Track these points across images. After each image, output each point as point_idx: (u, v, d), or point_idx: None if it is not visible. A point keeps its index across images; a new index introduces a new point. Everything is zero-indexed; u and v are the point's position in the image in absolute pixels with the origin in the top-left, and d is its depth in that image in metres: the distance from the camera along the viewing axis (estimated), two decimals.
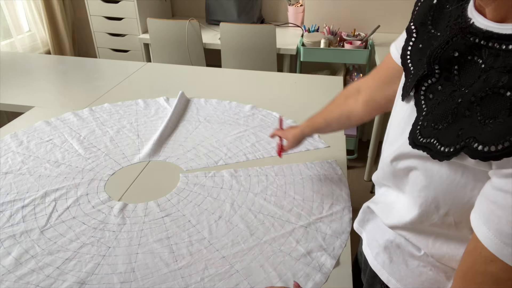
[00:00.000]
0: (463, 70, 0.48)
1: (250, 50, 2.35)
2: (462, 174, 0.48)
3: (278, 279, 0.76)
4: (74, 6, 3.03)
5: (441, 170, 0.50)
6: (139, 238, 0.86)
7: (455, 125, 0.46)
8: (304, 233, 0.87)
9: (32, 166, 1.10)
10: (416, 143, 0.52)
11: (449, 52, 0.49)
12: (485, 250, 0.44)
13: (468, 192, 0.49)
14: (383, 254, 0.67)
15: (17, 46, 2.60)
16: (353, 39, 2.40)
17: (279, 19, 2.91)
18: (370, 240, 0.71)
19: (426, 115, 0.52)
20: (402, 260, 0.64)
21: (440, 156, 0.48)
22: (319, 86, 1.67)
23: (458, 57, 0.48)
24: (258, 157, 1.14)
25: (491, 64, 0.44)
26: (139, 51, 2.76)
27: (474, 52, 0.46)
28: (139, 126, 1.31)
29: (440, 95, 0.50)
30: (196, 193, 1.00)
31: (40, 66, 1.88)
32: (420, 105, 0.53)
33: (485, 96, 0.43)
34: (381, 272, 0.67)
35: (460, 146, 0.45)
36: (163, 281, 0.76)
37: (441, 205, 0.53)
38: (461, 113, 0.46)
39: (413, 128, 0.53)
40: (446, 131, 0.48)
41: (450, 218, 0.54)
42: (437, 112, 0.50)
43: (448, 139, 0.47)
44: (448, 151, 0.47)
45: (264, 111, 1.41)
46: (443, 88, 0.50)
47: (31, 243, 0.85)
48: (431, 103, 0.51)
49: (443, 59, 0.49)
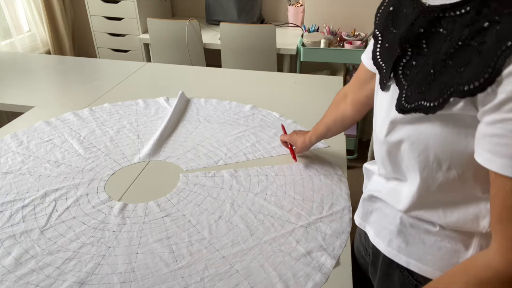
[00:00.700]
0: (430, 42, 0.55)
1: (250, 50, 2.35)
2: (453, 125, 0.54)
3: (278, 279, 0.77)
4: (74, 6, 3.03)
5: (434, 128, 0.56)
6: (139, 238, 0.86)
7: (436, 82, 0.53)
8: (304, 233, 0.87)
9: (32, 166, 1.10)
10: (404, 110, 0.58)
11: (415, 31, 0.56)
12: (508, 182, 0.47)
13: (462, 140, 0.54)
14: (397, 239, 0.68)
15: (17, 46, 2.60)
16: (353, 39, 2.40)
17: (279, 19, 2.91)
18: (379, 230, 0.73)
19: (408, 87, 0.58)
20: (419, 240, 0.66)
21: (432, 110, 0.53)
22: (319, 86, 1.67)
23: (424, 32, 0.56)
24: (258, 157, 1.14)
25: (451, 28, 0.52)
26: (139, 51, 2.76)
27: (436, 25, 0.54)
28: (139, 126, 1.31)
29: (416, 68, 0.57)
30: (196, 193, 1.00)
31: (40, 66, 1.88)
32: (401, 83, 0.60)
33: (454, 51, 0.51)
34: (399, 257, 0.69)
35: (448, 95, 0.51)
36: (163, 281, 0.76)
37: (442, 161, 0.57)
38: (438, 71, 0.53)
39: (398, 101, 0.59)
40: (429, 90, 0.54)
41: (452, 172, 0.57)
42: (418, 80, 0.56)
43: (434, 95, 0.53)
44: (438, 102, 0.52)
45: (264, 111, 1.41)
46: (417, 62, 0.57)
47: (31, 243, 0.85)
48: (410, 77, 0.58)
49: (412, 37, 0.57)
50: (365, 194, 0.78)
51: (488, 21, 0.47)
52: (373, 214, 0.76)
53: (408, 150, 0.61)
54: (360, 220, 0.79)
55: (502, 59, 0.45)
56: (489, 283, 0.51)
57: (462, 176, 0.57)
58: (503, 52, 0.45)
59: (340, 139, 1.24)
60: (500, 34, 0.45)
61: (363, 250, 0.88)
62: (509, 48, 0.44)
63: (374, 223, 0.75)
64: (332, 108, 0.99)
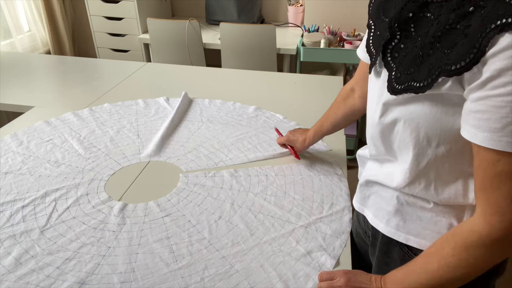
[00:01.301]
0: (418, 26, 0.59)
1: (250, 50, 2.35)
2: (442, 104, 0.58)
3: (278, 279, 0.77)
4: (74, 6, 3.03)
5: (424, 107, 0.60)
6: (139, 238, 0.86)
7: (425, 64, 0.56)
8: (304, 233, 0.87)
9: (32, 166, 1.10)
10: (395, 90, 0.61)
11: (404, 15, 0.60)
12: (488, 154, 0.52)
13: (450, 118, 0.58)
14: (395, 218, 0.73)
15: (17, 46, 2.60)
16: (353, 39, 2.40)
17: (279, 19, 2.91)
18: (377, 212, 0.77)
19: (397, 68, 0.61)
20: (416, 217, 0.70)
21: (422, 89, 0.57)
22: (319, 86, 1.67)
23: (412, 16, 0.59)
24: (259, 159, 1.14)
25: (438, 13, 0.55)
26: (139, 51, 2.76)
27: (424, 9, 0.58)
28: (139, 126, 1.31)
29: (404, 51, 0.61)
30: (196, 193, 1.00)
31: (40, 66, 1.88)
32: (389, 65, 0.63)
33: (441, 34, 0.54)
34: (398, 235, 0.73)
35: (436, 75, 0.54)
36: (163, 281, 0.76)
37: (432, 138, 0.61)
38: (426, 53, 0.56)
39: (388, 82, 0.63)
40: (418, 71, 0.57)
41: (441, 148, 0.62)
42: (406, 62, 0.60)
43: (423, 75, 0.56)
44: (427, 82, 0.56)
45: (268, 113, 1.40)
46: (405, 45, 0.61)
47: (31, 243, 0.85)
48: (398, 59, 0.62)
49: (401, 21, 0.60)
50: (361, 180, 0.82)
51: (473, 5, 0.50)
52: (371, 197, 0.80)
53: (401, 130, 0.65)
54: (358, 205, 0.84)
55: (486, 40, 0.48)
56: (474, 246, 0.56)
57: (450, 152, 0.61)
58: (487, 34, 0.48)
59: (340, 139, 1.24)
60: (485, 18, 0.48)
61: (363, 233, 0.91)
62: (492, 30, 0.47)
63: (372, 206, 0.79)
64: (338, 105, 1.00)
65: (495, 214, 0.53)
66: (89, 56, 2.85)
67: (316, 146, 1.20)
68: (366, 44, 0.71)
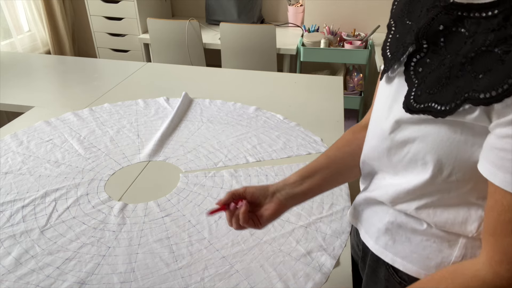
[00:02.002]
0: (449, 41, 0.53)
1: (250, 50, 2.35)
2: (461, 132, 0.52)
3: (278, 279, 0.77)
4: (74, 6, 3.03)
5: (441, 132, 0.53)
6: (139, 238, 0.86)
7: (450, 86, 0.51)
8: (304, 233, 0.87)
9: (32, 166, 1.10)
10: (412, 109, 0.55)
11: (435, 27, 0.54)
12: (506, 197, 0.47)
13: (468, 148, 0.52)
14: (384, 236, 0.68)
15: (17, 46, 2.60)
16: (353, 39, 2.40)
17: (279, 19, 2.91)
18: (368, 227, 0.73)
19: (419, 85, 0.55)
20: (405, 238, 0.66)
21: (443, 114, 0.51)
22: (319, 86, 1.67)
23: (444, 30, 0.53)
24: (259, 159, 1.14)
25: (475, 30, 0.49)
26: (139, 51, 2.76)
27: (458, 24, 0.52)
28: (139, 126, 1.31)
29: (429, 67, 0.55)
30: (196, 193, 1.00)
31: (40, 66, 1.88)
32: (411, 79, 0.57)
33: (475, 55, 0.48)
34: (385, 254, 0.68)
35: (461, 100, 0.49)
36: (163, 281, 0.76)
37: (445, 167, 0.56)
38: (454, 75, 0.50)
39: (406, 98, 0.57)
40: (442, 93, 0.52)
41: (452, 178, 0.56)
42: (430, 79, 0.54)
43: (446, 98, 0.51)
44: (450, 107, 0.50)
45: (268, 113, 1.40)
46: (431, 60, 0.55)
47: (31, 243, 0.85)
48: (421, 75, 0.56)
49: (430, 34, 0.54)
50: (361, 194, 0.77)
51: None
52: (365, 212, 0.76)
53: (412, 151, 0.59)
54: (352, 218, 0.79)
55: None
56: None
57: (461, 182, 0.56)
58: None
59: None
60: None
61: (356, 246, 0.88)
62: None
63: (365, 221, 0.75)
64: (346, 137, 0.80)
65: (503, 263, 0.49)
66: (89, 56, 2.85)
67: (316, 146, 1.20)
68: (383, 46, 0.65)
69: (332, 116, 1.40)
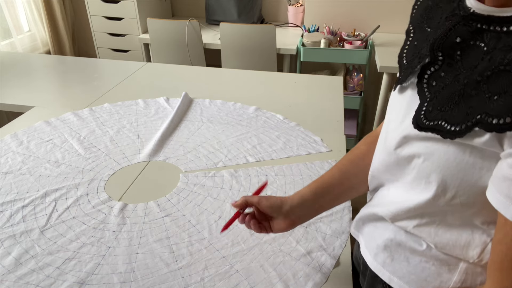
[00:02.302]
0: (466, 55, 0.49)
1: (250, 50, 2.35)
2: (470, 154, 0.48)
3: (278, 279, 0.77)
4: (74, 6, 3.03)
5: (448, 152, 0.50)
6: (139, 238, 0.86)
7: (463, 105, 0.47)
8: (304, 233, 0.87)
9: (32, 166, 1.10)
10: (421, 126, 0.52)
11: (451, 39, 0.50)
12: None
13: (476, 172, 0.49)
14: (383, 253, 0.66)
15: (17, 46, 2.60)
16: (353, 39, 2.40)
17: (279, 19, 2.91)
18: (368, 242, 0.71)
19: (430, 100, 0.52)
20: (404, 258, 0.63)
21: (451, 135, 0.48)
22: (319, 86, 1.67)
23: (461, 42, 0.50)
24: (259, 159, 1.14)
25: (494, 45, 0.46)
26: (139, 51, 2.76)
27: (476, 37, 0.48)
28: (139, 126, 1.31)
29: (443, 81, 0.52)
30: (196, 193, 1.00)
31: (40, 66, 1.88)
32: (423, 93, 0.54)
33: (491, 74, 0.45)
34: (382, 272, 0.66)
35: (472, 123, 0.46)
36: (163, 281, 0.76)
37: (449, 188, 0.53)
38: (468, 93, 0.47)
39: (416, 113, 0.54)
40: (453, 112, 0.48)
41: (456, 201, 0.53)
42: (443, 95, 0.51)
43: (457, 119, 0.48)
44: (460, 129, 0.47)
45: (268, 113, 1.40)
46: (446, 74, 0.51)
47: (31, 243, 0.85)
48: (434, 89, 0.53)
49: (446, 46, 0.51)
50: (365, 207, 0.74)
51: None
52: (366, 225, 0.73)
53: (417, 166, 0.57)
54: (354, 230, 0.77)
55: None
56: None
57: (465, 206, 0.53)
58: None
59: (340, 139, 1.24)
60: None
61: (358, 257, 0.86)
62: None
63: (366, 235, 0.72)
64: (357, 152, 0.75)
65: None
66: (89, 56, 2.85)
67: (316, 146, 1.20)
68: (400, 53, 0.61)
69: (332, 116, 1.40)
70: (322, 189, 0.73)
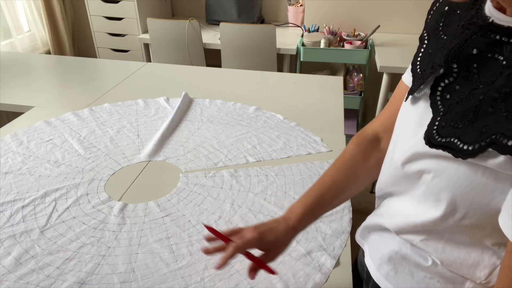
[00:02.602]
0: (483, 68, 0.46)
1: (250, 50, 2.35)
2: (482, 174, 0.46)
3: (278, 279, 0.77)
4: (74, 6, 3.03)
5: (460, 170, 0.48)
6: (139, 238, 0.86)
7: (478, 123, 0.45)
8: (304, 233, 0.87)
9: (32, 166, 1.10)
10: (433, 143, 0.49)
11: (468, 50, 0.47)
12: None
13: (488, 194, 0.46)
14: (387, 265, 0.64)
15: (17, 46, 2.60)
16: (353, 39, 2.40)
17: (279, 19, 2.91)
18: (373, 251, 0.69)
19: (444, 115, 0.50)
20: (408, 271, 0.61)
21: (464, 155, 0.45)
22: (319, 86, 1.67)
23: (478, 55, 0.47)
24: (259, 159, 1.14)
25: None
26: (139, 51, 2.76)
27: (495, 49, 0.45)
28: (139, 126, 1.31)
29: (458, 95, 0.48)
30: (196, 193, 1.00)
31: (40, 66, 1.88)
32: (437, 106, 0.51)
33: (509, 91, 0.42)
34: (385, 284, 0.65)
35: (486, 143, 0.43)
36: (163, 281, 0.76)
37: (458, 208, 0.50)
38: (484, 110, 0.44)
39: (428, 128, 0.51)
40: (467, 129, 0.45)
41: (466, 222, 0.51)
42: (457, 111, 0.48)
43: (471, 137, 0.45)
44: (473, 148, 0.44)
45: (268, 113, 1.40)
46: (461, 88, 0.48)
47: (31, 243, 0.85)
48: (448, 103, 0.50)
49: (462, 57, 0.48)
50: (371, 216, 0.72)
51: None
52: (372, 234, 0.71)
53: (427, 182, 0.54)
54: (359, 238, 0.76)
55: None
56: None
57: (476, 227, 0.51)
58: None
59: (340, 139, 1.24)
60: None
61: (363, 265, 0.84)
62: None
63: (371, 244, 0.71)
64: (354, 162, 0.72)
65: None
66: (89, 56, 2.85)
67: (316, 146, 1.20)
68: (413, 60, 0.58)
69: (332, 116, 1.40)
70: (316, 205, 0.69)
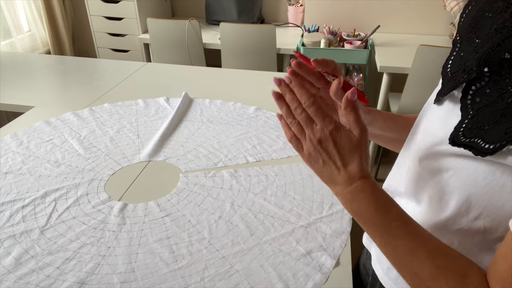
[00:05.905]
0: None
1: (250, 50, 2.35)
2: (501, 175, 0.46)
3: (278, 279, 0.77)
4: (74, 6, 3.03)
5: (478, 169, 0.48)
6: (139, 238, 0.86)
7: (503, 124, 0.45)
8: (304, 233, 0.87)
9: (32, 166, 1.10)
10: (457, 142, 0.50)
11: (500, 54, 0.47)
12: None
13: (505, 195, 0.46)
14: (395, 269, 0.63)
15: (17, 46, 2.60)
16: (353, 39, 2.40)
17: (279, 19, 2.91)
18: (381, 255, 0.68)
19: (472, 118, 0.50)
20: None
21: (483, 153, 0.46)
22: None
23: (510, 59, 0.46)
24: (259, 159, 1.14)
25: None
26: (139, 51, 2.76)
27: None
28: (139, 126, 1.31)
29: (487, 98, 0.48)
30: (196, 193, 1.00)
31: (40, 66, 1.88)
32: (466, 109, 0.51)
33: None
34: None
35: (507, 141, 0.43)
36: (163, 281, 0.76)
37: (473, 208, 0.50)
38: (510, 113, 0.44)
39: (455, 130, 0.51)
40: (492, 131, 0.46)
41: (479, 223, 0.50)
42: (484, 114, 0.48)
43: (494, 137, 0.45)
44: (494, 147, 0.44)
45: (268, 113, 1.40)
46: (491, 91, 0.48)
47: (31, 243, 0.85)
48: (477, 106, 0.50)
49: (494, 61, 0.48)
50: None
51: None
52: None
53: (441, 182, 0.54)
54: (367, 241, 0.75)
55: None
56: None
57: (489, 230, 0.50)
58: None
59: None
60: None
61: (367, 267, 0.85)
62: None
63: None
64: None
65: None
66: (89, 56, 2.85)
67: None
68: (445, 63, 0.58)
69: None
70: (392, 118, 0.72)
